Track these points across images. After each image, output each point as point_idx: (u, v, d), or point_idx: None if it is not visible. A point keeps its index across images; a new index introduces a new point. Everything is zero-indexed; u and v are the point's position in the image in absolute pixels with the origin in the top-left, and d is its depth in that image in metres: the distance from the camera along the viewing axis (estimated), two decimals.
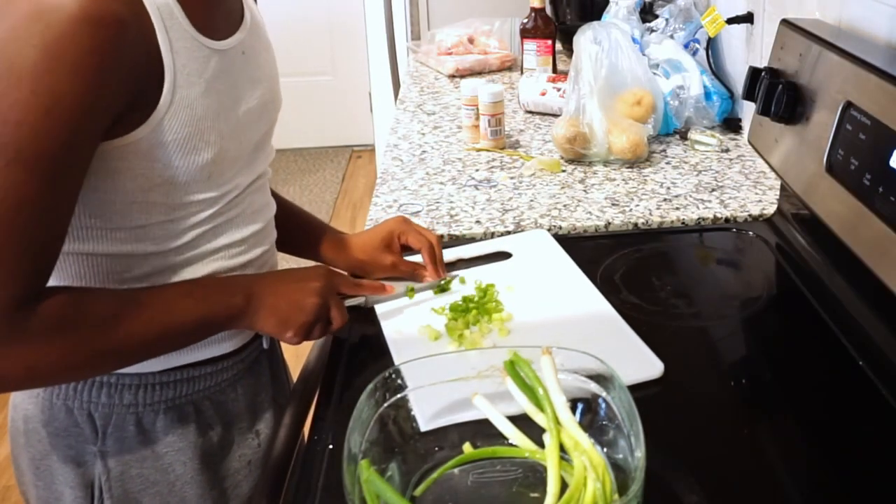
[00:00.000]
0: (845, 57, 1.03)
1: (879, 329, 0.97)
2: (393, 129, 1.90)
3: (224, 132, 0.89)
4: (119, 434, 0.96)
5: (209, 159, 0.88)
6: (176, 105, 0.83)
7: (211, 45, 0.88)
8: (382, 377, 0.80)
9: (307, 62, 4.57)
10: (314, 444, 0.89)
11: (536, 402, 0.78)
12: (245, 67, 0.94)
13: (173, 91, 0.83)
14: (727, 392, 0.97)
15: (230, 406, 1.03)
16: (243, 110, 0.94)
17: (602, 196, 1.46)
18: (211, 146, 0.88)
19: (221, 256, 0.96)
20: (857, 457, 0.85)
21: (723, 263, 1.32)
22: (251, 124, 0.96)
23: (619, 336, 1.01)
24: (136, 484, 0.98)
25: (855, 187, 0.97)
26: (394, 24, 2.89)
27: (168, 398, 0.97)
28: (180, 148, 0.85)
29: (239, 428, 1.04)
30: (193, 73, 0.85)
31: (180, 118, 0.84)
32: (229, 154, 0.91)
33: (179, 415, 0.98)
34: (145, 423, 0.97)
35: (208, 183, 0.90)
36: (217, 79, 0.88)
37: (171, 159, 0.85)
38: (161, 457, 0.98)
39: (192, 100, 0.85)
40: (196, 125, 0.85)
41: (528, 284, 1.14)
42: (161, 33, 0.81)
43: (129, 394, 0.95)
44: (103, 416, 0.95)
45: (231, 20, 0.94)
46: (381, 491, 0.70)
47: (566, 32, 2.25)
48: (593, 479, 0.70)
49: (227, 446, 1.03)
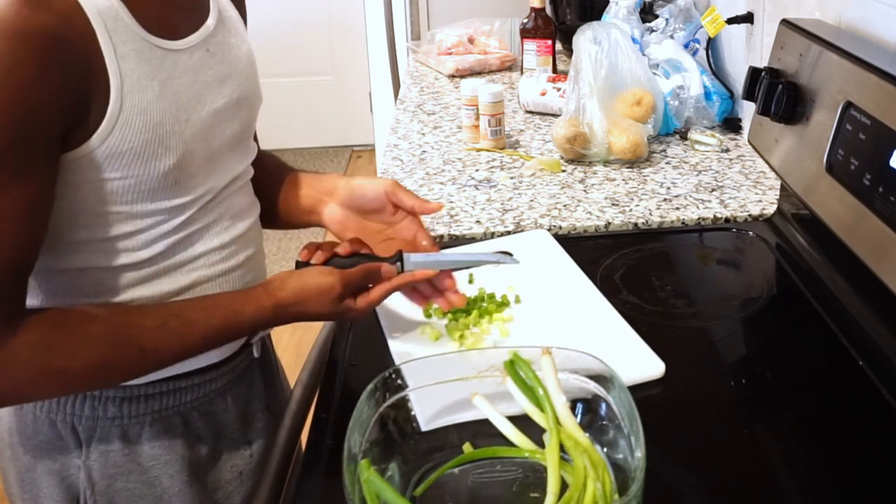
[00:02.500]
0: (845, 57, 1.03)
1: (879, 329, 0.97)
2: (393, 129, 1.90)
3: (187, 135, 0.86)
4: (104, 447, 0.94)
5: (172, 165, 0.85)
6: (127, 112, 0.81)
7: (165, 45, 0.85)
8: (382, 377, 0.80)
9: (307, 62, 4.56)
10: (314, 444, 0.89)
11: (536, 402, 0.78)
12: (210, 65, 0.91)
13: (121, 98, 0.80)
14: (727, 392, 0.97)
15: (220, 416, 1.01)
16: (209, 110, 0.90)
17: (602, 196, 1.46)
18: (172, 151, 0.85)
19: (201, 265, 0.93)
20: (857, 457, 0.85)
21: (723, 263, 1.32)
22: (221, 124, 0.93)
23: (620, 336, 1.01)
24: (122, 498, 0.96)
25: (855, 187, 0.97)
26: (394, 24, 2.88)
27: (154, 410, 0.95)
28: (138, 156, 0.82)
29: (230, 439, 1.02)
30: (145, 76, 0.82)
31: (134, 126, 0.81)
32: (196, 157, 0.88)
33: (166, 427, 0.96)
34: (131, 435, 0.95)
35: (175, 189, 0.87)
36: (173, 80, 0.85)
37: (130, 168, 0.82)
38: (147, 470, 0.96)
39: (145, 105, 0.82)
40: (153, 131, 0.83)
41: (528, 285, 1.14)
42: (104, 39, 0.78)
43: (114, 406, 0.93)
44: (87, 428, 0.93)
45: (192, 17, 0.91)
46: (381, 491, 0.70)
47: (566, 32, 2.25)
48: (593, 479, 0.70)
49: (217, 457, 1.01)
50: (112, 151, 0.81)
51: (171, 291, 0.91)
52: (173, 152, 0.85)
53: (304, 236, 3.19)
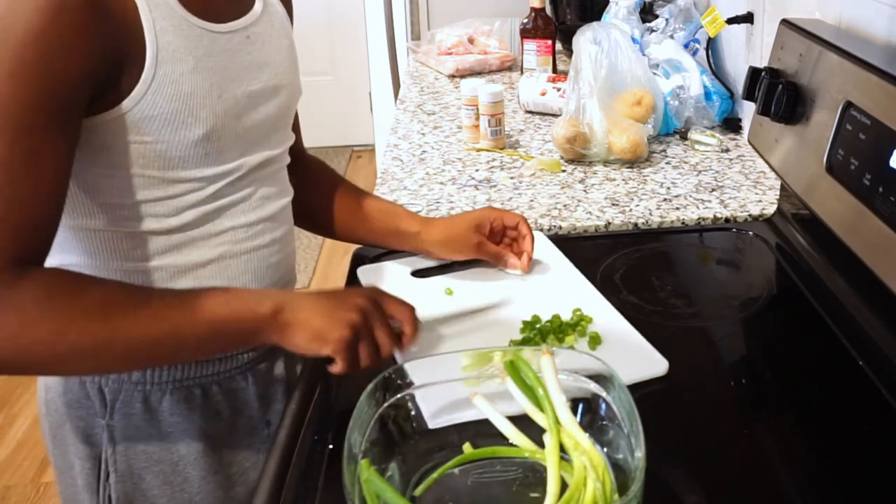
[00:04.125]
0: (845, 57, 1.03)
1: (879, 329, 0.97)
2: (393, 129, 1.90)
3: (218, 110, 0.91)
4: (126, 410, 0.98)
5: (201, 135, 0.90)
6: (159, 80, 0.86)
7: (205, 25, 0.91)
8: (382, 377, 0.80)
9: (307, 62, 4.49)
10: (314, 444, 0.89)
11: (536, 402, 0.78)
12: (248, 51, 0.96)
13: (155, 66, 0.85)
14: (727, 392, 0.97)
15: (240, 393, 1.04)
16: (244, 91, 0.95)
17: (602, 196, 1.46)
18: (202, 122, 0.90)
19: (228, 240, 0.97)
20: (857, 457, 0.84)
21: (723, 263, 1.32)
22: (256, 105, 0.97)
23: (623, 335, 1.01)
24: (141, 460, 1.00)
25: (855, 187, 0.97)
26: (394, 24, 2.88)
27: (176, 378, 0.98)
28: (168, 123, 0.87)
29: (249, 416, 1.05)
30: (181, 49, 0.88)
31: (165, 93, 0.86)
32: (228, 131, 0.93)
33: (186, 396, 0.99)
34: (152, 401, 0.98)
35: (205, 160, 0.92)
36: (210, 57, 0.91)
37: (160, 133, 0.87)
38: (166, 436, 0.99)
39: (177, 76, 0.87)
40: (184, 101, 0.88)
41: (529, 284, 1.14)
42: (145, 13, 0.85)
43: (139, 371, 0.97)
44: (113, 390, 0.97)
45: (236, 6, 0.97)
46: (381, 491, 0.70)
47: (566, 32, 2.25)
48: (593, 479, 0.70)
49: (234, 433, 1.04)
50: (144, 115, 0.86)
51: (199, 262, 0.96)
52: (203, 123, 0.90)
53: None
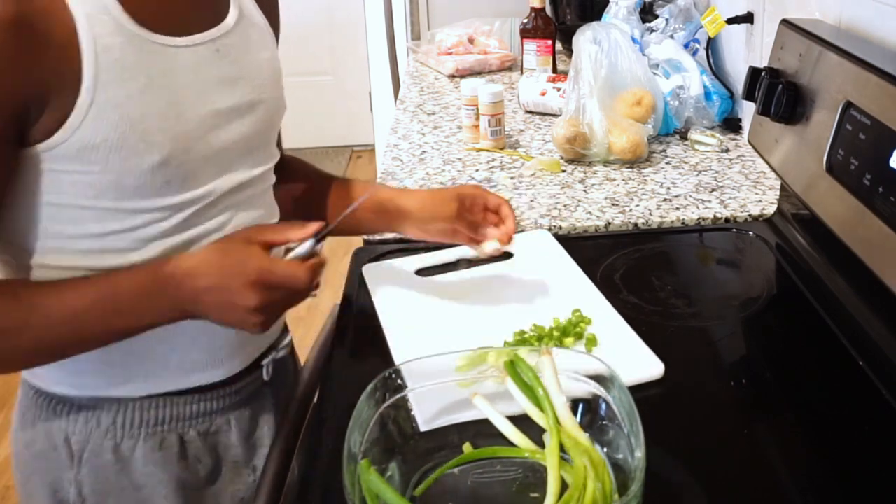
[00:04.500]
0: (845, 57, 1.03)
1: (879, 329, 0.97)
2: (393, 129, 1.90)
3: (177, 132, 0.83)
4: (96, 461, 0.92)
5: (157, 161, 0.81)
6: (100, 105, 0.78)
7: (160, 40, 0.82)
8: (382, 377, 0.80)
9: (307, 62, 4.56)
10: (314, 444, 0.89)
11: (536, 402, 0.78)
12: (218, 65, 0.88)
13: (94, 91, 0.77)
14: (727, 392, 0.97)
15: (222, 438, 0.97)
16: (210, 109, 0.87)
17: (602, 196, 1.46)
18: (156, 147, 0.81)
19: None
20: (857, 457, 0.84)
21: (723, 263, 1.32)
22: (226, 124, 0.89)
23: (620, 336, 1.01)
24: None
25: (855, 187, 0.97)
26: (394, 24, 2.88)
27: (148, 423, 0.92)
28: (115, 150, 0.79)
29: (232, 462, 0.99)
30: (130, 67, 0.79)
31: (108, 119, 0.78)
32: (191, 156, 0.85)
33: (161, 443, 0.93)
34: (123, 450, 0.92)
35: (167, 188, 0.84)
36: (167, 74, 0.83)
37: (108, 163, 0.80)
38: (139, 488, 0.93)
39: (122, 98, 0.79)
40: (132, 126, 0.79)
41: (529, 285, 1.14)
42: (83, 31, 0.76)
43: (107, 417, 0.91)
44: (80, 440, 0.91)
45: (201, 16, 0.88)
46: (381, 491, 0.70)
47: (566, 32, 2.25)
48: (593, 479, 0.70)
49: (216, 481, 0.97)
50: (85, 144, 0.78)
51: None
52: (158, 148, 0.82)
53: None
